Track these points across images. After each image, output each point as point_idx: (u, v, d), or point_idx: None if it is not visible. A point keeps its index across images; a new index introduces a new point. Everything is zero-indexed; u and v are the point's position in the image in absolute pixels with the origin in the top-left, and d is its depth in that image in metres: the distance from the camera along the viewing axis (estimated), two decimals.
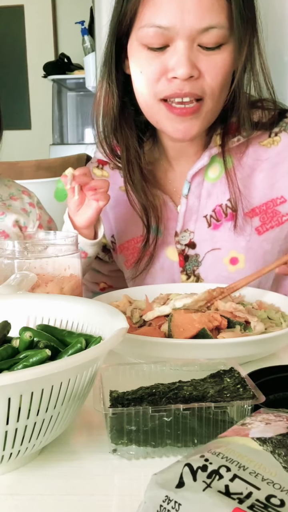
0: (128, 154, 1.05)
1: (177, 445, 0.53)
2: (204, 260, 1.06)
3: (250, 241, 1.04)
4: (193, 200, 1.04)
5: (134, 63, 0.96)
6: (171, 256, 1.08)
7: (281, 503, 0.33)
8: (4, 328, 0.60)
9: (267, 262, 1.04)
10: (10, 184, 1.27)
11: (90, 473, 0.51)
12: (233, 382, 0.56)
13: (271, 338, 0.70)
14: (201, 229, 1.05)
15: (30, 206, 1.26)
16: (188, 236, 1.06)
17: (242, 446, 0.39)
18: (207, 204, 1.04)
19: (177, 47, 0.89)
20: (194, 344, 0.70)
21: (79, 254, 0.87)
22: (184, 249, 1.07)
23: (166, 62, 0.91)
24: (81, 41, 3.59)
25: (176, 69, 0.89)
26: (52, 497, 0.47)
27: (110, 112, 1.02)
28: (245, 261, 1.04)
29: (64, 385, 0.48)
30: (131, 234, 1.11)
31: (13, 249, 0.83)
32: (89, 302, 0.66)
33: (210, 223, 1.05)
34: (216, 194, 1.04)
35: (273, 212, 1.04)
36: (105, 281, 1.23)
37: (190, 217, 1.05)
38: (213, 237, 1.05)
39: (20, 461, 0.51)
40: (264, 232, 1.04)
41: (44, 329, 0.60)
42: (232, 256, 1.05)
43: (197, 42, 0.89)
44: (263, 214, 1.03)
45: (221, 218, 1.04)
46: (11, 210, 1.22)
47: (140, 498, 0.37)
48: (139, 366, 0.63)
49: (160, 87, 0.92)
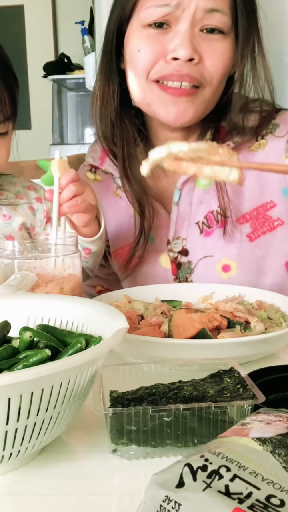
0: (128, 148, 1.04)
1: (177, 445, 0.53)
2: (196, 267, 1.05)
3: (241, 248, 1.03)
4: (185, 207, 1.03)
5: (133, 43, 0.94)
6: (164, 264, 1.08)
7: (281, 503, 0.33)
8: (4, 328, 0.60)
9: (260, 269, 1.04)
10: (15, 181, 1.26)
11: (90, 473, 0.51)
12: (233, 382, 0.56)
13: (271, 338, 0.70)
14: (193, 236, 1.04)
15: (38, 202, 1.24)
16: (181, 243, 1.05)
17: (242, 446, 0.39)
18: (198, 210, 1.03)
19: (179, 29, 0.88)
20: (194, 344, 0.70)
21: (79, 254, 0.87)
22: (177, 257, 1.06)
23: (166, 44, 0.90)
24: (81, 41, 3.59)
25: (177, 49, 0.88)
26: (52, 497, 0.47)
27: (110, 103, 1.01)
28: (237, 268, 1.03)
29: (64, 385, 0.48)
30: (124, 241, 1.09)
31: (13, 249, 0.83)
32: (89, 302, 0.66)
33: (202, 230, 1.04)
34: (207, 200, 1.03)
35: (264, 218, 1.02)
36: (102, 284, 1.22)
37: (182, 224, 1.04)
38: (205, 244, 1.04)
39: (20, 461, 0.51)
40: (256, 238, 1.03)
41: (44, 329, 0.60)
42: (224, 263, 1.04)
43: (199, 26, 0.88)
44: (254, 220, 1.02)
45: (213, 225, 1.03)
46: (18, 211, 1.21)
47: (140, 498, 0.37)
48: (139, 366, 0.63)
49: (157, 68, 0.91)
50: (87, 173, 1.15)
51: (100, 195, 1.11)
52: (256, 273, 1.04)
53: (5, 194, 1.20)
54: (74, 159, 1.74)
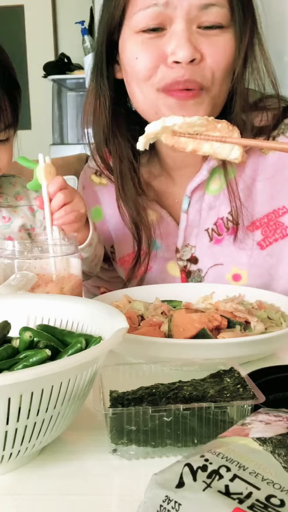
0: (122, 166, 1.00)
1: (177, 445, 0.53)
2: (206, 275, 1.02)
3: (252, 257, 0.99)
4: (194, 215, 1.00)
5: (129, 51, 0.89)
6: (172, 272, 1.05)
7: (281, 503, 0.33)
8: (4, 328, 0.60)
9: (272, 277, 1.00)
10: (15, 181, 1.26)
11: (90, 473, 0.51)
12: (233, 382, 0.56)
13: (271, 338, 0.70)
14: (202, 243, 1.01)
15: None
16: (190, 250, 1.02)
17: (242, 446, 0.39)
18: (208, 217, 1.00)
19: (175, 29, 0.84)
20: (194, 344, 0.70)
21: (79, 254, 0.87)
22: (186, 265, 1.03)
23: (164, 47, 0.85)
24: (81, 41, 3.59)
25: (177, 52, 0.83)
26: (52, 497, 0.47)
27: (102, 118, 0.97)
28: (248, 277, 1.00)
29: (64, 385, 0.48)
30: (130, 248, 1.06)
31: (13, 249, 0.83)
32: (89, 302, 0.66)
33: (211, 237, 1.00)
34: (217, 207, 0.99)
35: (276, 224, 0.98)
36: (106, 287, 1.20)
37: (191, 232, 1.01)
38: (215, 252, 1.01)
39: (20, 461, 0.51)
40: (268, 246, 0.99)
41: (44, 329, 0.60)
42: (234, 272, 1.00)
43: (196, 23, 0.84)
44: (265, 227, 0.98)
45: (223, 232, 0.99)
46: (17, 213, 1.21)
47: (140, 498, 0.37)
48: (139, 366, 0.63)
49: (159, 76, 0.86)
50: (92, 175, 1.12)
51: (105, 199, 1.10)
52: (268, 282, 1.01)
53: (4, 197, 1.20)
54: (74, 159, 1.74)
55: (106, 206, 1.10)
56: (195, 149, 0.73)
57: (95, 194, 1.11)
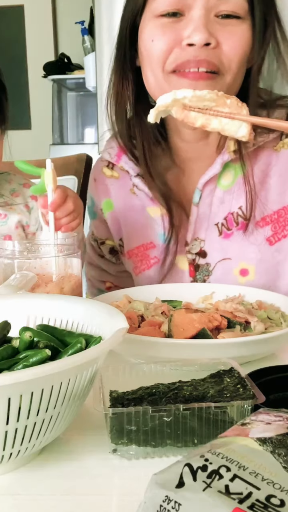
0: (149, 146, 1.01)
1: (177, 445, 0.53)
2: (214, 269, 1.03)
3: (260, 252, 1.00)
4: (205, 208, 1.01)
5: (147, 34, 0.91)
6: (181, 265, 1.06)
7: (281, 503, 0.33)
8: (4, 328, 0.60)
9: (280, 273, 1.01)
10: (11, 179, 1.26)
11: (90, 473, 0.51)
12: (233, 382, 0.56)
13: (271, 338, 0.70)
14: (212, 237, 1.02)
15: (33, 200, 1.24)
16: (199, 244, 1.03)
17: (242, 446, 0.39)
18: (218, 211, 1.01)
19: (193, 15, 0.86)
20: (194, 344, 0.70)
21: (79, 254, 0.87)
22: (195, 259, 1.04)
23: (181, 31, 0.87)
24: (81, 41, 3.59)
25: (192, 35, 0.85)
26: (52, 497, 0.47)
27: (125, 100, 1.00)
28: (255, 272, 1.00)
29: (64, 385, 0.48)
30: (140, 240, 1.08)
31: (13, 249, 0.83)
32: (89, 302, 0.66)
33: (221, 231, 1.01)
34: (228, 201, 1.00)
35: (286, 221, 0.99)
36: (112, 281, 1.21)
37: (201, 226, 1.02)
38: (224, 246, 1.01)
39: (20, 461, 0.51)
40: (276, 242, 1.00)
41: (44, 329, 0.60)
42: (242, 267, 1.01)
43: (214, 12, 0.86)
44: (275, 223, 0.99)
45: (232, 227, 1.00)
46: (14, 209, 1.21)
47: (140, 498, 0.37)
48: (139, 366, 0.63)
49: (172, 57, 0.88)
50: (104, 168, 1.13)
51: (116, 192, 1.11)
52: (274, 278, 1.02)
53: (0, 195, 1.20)
54: (74, 159, 1.74)
55: (117, 199, 1.11)
56: (204, 124, 0.73)
57: (106, 187, 1.13)
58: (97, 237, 1.17)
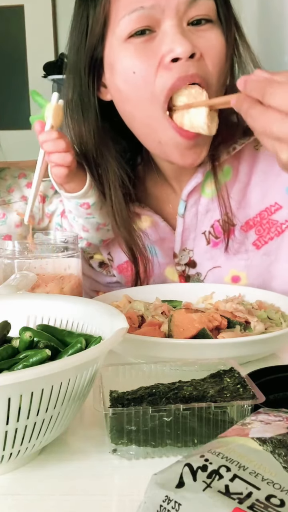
0: (115, 191, 0.95)
1: (177, 445, 0.53)
2: (206, 279, 1.01)
3: (249, 259, 0.98)
4: (191, 218, 0.98)
5: (123, 65, 0.82)
6: (171, 277, 1.04)
7: (281, 503, 0.33)
8: (4, 328, 0.60)
9: (273, 274, 0.99)
10: (5, 174, 1.23)
11: (90, 473, 0.51)
12: (233, 382, 0.56)
13: (271, 338, 0.70)
14: (200, 246, 1.00)
15: (28, 188, 1.22)
16: (187, 254, 1.01)
17: (242, 446, 0.39)
18: (205, 220, 0.98)
19: (166, 28, 0.79)
20: (194, 344, 0.70)
21: (79, 254, 0.87)
22: (185, 270, 1.02)
23: (158, 49, 0.79)
24: None
25: (174, 48, 0.77)
26: (52, 497, 0.47)
27: (88, 142, 0.93)
28: (247, 278, 0.99)
29: (64, 385, 0.48)
30: (126, 255, 1.04)
31: (13, 249, 0.83)
32: (89, 302, 0.66)
33: (209, 240, 0.99)
34: (214, 209, 0.97)
35: (269, 223, 0.96)
36: (104, 291, 1.17)
37: (188, 236, 1.00)
38: (213, 255, 1.00)
39: (20, 461, 0.51)
40: (263, 246, 0.97)
41: (44, 329, 0.60)
42: (233, 274, 1.00)
43: (186, 20, 0.80)
44: (258, 226, 0.96)
45: (220, 234, 0.98)
46: (12, 207, 1.20)
47: (140, 498, 0.37)
48: (139, 366, 0.63)
49: (161, 81, 0.80)
50: None
51: None
52: (267, 281, 1.00)
53: None
54: None
55: None
56: (181, 123, 0.72)
57: None
58: (86, 250, 1.13)
